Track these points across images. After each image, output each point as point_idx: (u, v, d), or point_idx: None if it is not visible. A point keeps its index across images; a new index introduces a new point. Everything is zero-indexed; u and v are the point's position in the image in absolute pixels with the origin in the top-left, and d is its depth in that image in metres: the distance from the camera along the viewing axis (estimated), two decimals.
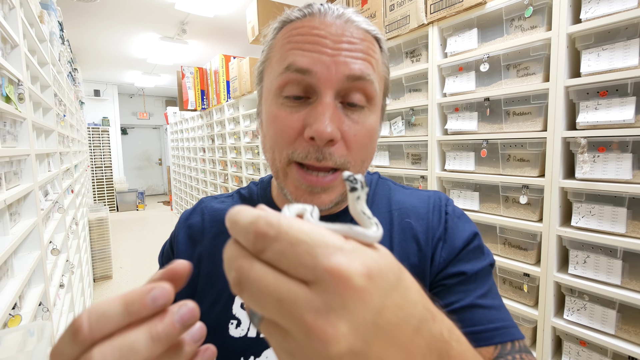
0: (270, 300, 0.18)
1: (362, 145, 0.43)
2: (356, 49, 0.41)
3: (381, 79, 0.45)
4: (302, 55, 0.40)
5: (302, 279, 0.18)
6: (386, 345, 0.19)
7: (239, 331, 0.46)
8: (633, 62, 0.97)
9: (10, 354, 0.70)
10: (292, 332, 0.18)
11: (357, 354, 0.18)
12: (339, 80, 0.40)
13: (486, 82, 1.35)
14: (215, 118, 4.11)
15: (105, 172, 7.14)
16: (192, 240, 0.52)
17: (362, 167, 0.45)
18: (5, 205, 0.99)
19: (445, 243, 0.47)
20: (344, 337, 0.17)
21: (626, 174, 1.00)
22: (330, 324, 0.17)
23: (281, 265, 0.18)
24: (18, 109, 1.07)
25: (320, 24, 0.41)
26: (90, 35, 4.41)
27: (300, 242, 0.18)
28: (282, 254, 0.18)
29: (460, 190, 1.47)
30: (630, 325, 1.03)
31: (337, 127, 0.40)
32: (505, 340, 0.41)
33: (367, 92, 0.42)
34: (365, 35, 0.42)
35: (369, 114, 0.43)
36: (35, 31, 1.56)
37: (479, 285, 0.45)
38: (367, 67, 0.41)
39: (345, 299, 0.17)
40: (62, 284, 1.51)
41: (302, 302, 0.17)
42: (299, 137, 0.41)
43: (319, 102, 0.40)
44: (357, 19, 0.43)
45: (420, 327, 0.20)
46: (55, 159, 1.83)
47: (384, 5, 1.65)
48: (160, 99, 9.31)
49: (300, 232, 0.18)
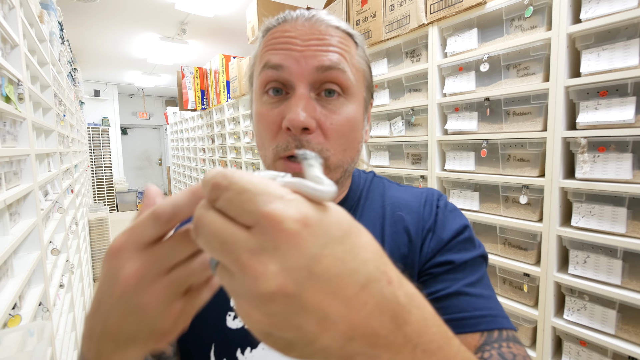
0: (216, 243, 0.19)
1: (341, 134, 0.44)
2: (325, 43, 0.43)
3: (357, 71, 0.47)
4: (275, 54, 0.44)
5: (244, 224, 0.20)
6: (324, 293, 0.19)
7: (236, 322, 0.47)
8: (633, 62, 0.97)
9: (10, 354, 0.70)
10: (233, 272, 0.19)
11: (289, 296, 0.18)
12: (309, 72, 0.42)
13: (486, 82, 1.35)
14: (215, 118, 4.11)
15: (105, 172, 7.14)
16: None
17: (343, 156, 0.46)
18: (5, 205, 0.99)
19: (434, 234, 0.48)
20: (272, 276, 0.18)
21: (626, 174, 1.00)
22: (261, 262, 0.18)
23: (229, 212, 0.20)
24: (18, 109, 1.07)
25: (291, 27, 0.45)
26: (90, 35, 4.41)
27: (246, 190, 0.19)
28: (229, 202, 0.20)
29: (460, 190, 1.47)
30: (630, 325, 1.03)
31: (312, 116, 0.42)
32: (491, 327, 0.41)
33: (339, 81, 0.43)
34: (335, 31, 0.45)
35: (346, 103, 0.45)
36: (35, 31, 1.55)
37: (467, 275, 0.45)
38: (338, 58, 0.43)
39: (278, 241, 0.19)
40: (62, 284, 1.51)
41: (241, 243, 0.19)
42: (280, 131, 0.43)
43: (293, 95, 0.43)
44: (327, 17, 0.46)
45: (369, 285, 0.20)
46: (55, 159, 1.83)
47: (384, 5, 1.65)
48: (160, 99, 9.31)
49: (248, 183, 0.20)
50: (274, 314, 0.19)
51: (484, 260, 0.48)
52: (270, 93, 0.45)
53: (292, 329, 0.19)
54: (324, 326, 0.19)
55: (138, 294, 0.24)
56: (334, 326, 0.19)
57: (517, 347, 0.39)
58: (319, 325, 0.19)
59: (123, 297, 0.24)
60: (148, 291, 0.24)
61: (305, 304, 0.19)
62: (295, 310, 0.19)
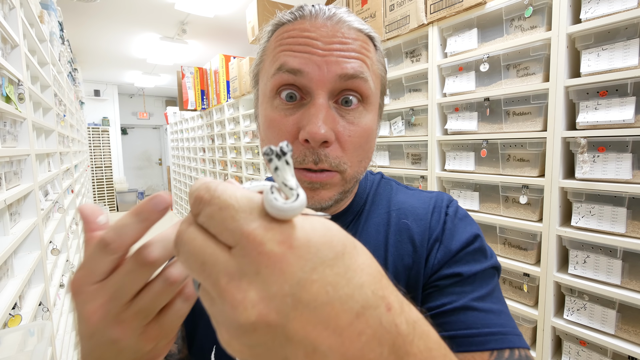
0: (196, 263, 0.18)
1: (358, 146, 0.42)
2: (349, 48, 0.40)
3: (377, 77, 0.45)
4: (293, 56, 0.40)
5: (225, 244, 0.18)
6: (312, 324, 0.17)
7: None
8: (633, 62, 0.97)
9: (10, 354, 0.70)
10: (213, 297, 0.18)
11: (272, 327, 0.17)
12: (331, 79, 0.39)
13: (486, 82, 1.35)
14: (215, 118, 4.11)
15: (105, 172, 7.14)
16: None
17: (359, 167, 0.44)
18: (6, 205, 0.99)
19: (442, 244, 0.45)
20: (252, 305, 0.17)
21: (626, 174, 1.00)
22: (240, 289, 0.17)
23: (210, 229, 0.18)
24: (18, 109, 1.07)
25: (311, 26, 0.41)
26: (90, 35, 4.41)
27: (228, 206, 0.18)
28: (211, 218, 0.18)
29: (460, 190, 1.47)
30: (630, 325, 1.03)
31: (331, 128, 0.40)
32: (502, 347, 0.37)
33: (361, 90, 0.41)
34: (357, 34, 0.42)
35: (365, 114, 0.43)
36: (35, 31, 1.56)
37: (476, 288, 0.41)
38: (361, 65, 0.41)
39: (259, 265, 0.17)
40: (62, 284, 1.51)
41: (220, 266, 0.17)
42: (295, 141, 0.41)
43: (312, 103, 0.40)
44: (349, 18, 0.42)
45: (364, 312, 0.18)
46: (55, 159, 1.83)
47: (384, 5, 1.65)
48: (160, 99, 9.31)
49: (231, 198, 0.18)
50: (255, 345, 0.17)
51: (496, 272, 0.45)
52: (283, 97, 0.41)
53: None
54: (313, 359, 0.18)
55: (107, 330, 0.23)
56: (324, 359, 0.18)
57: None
58: (307, 358, 0.18)
59: (95, 335, 0.23)
60: (116, 326, 0.23)
61: (292, 335, 0.17)
62: (280, 342, 0.17)
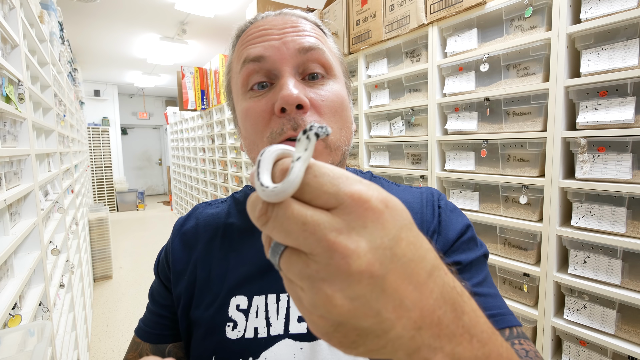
0: (294, 225, 0.19)
1: (334, 110, 0.44)
2: (300, 29, 0.45)
3: (334, 56, 0.48)
4: (253, 46, 0.44)
5: (324, 207, 0.19)
6: (402, 278, 0.19)
7: (235, 333, 0.46)
8: (633, 62, 0.97)
9: (10, 354, 0.70)
10: (315, 254, 0.18)
11: (374, 277, 0.18)
12: (292, 55, 0.43)
13: (486, 82, 1.35)
14: (215, 118, 4.11)
15: (105, 172, 7.14)
16: (187, 246, 0.53)
17: (340, 135, 0.46)
18: (5, 205, 0.99)
19: (440, 235, 0.48)
20: (364, 253, 0.18)
21: (626, 174, 1.00)
22: (352, 240, 0.18)
23: (305, 196, 0.19)
24: (18, 109, 1.07)
25: (264, 22, 0.46)
26: (90, 35, 4.41)
27: (323, 174, 0.20)
28: (306, 184, 0.19)
29: (460, 190, 1.47)
30: (630, 325, 1.03)
31: (304, 95, 0.42)
32: (502, 326, 0.41)
33: (322, 61, 0.44)
34: (304, 21, 0.47)
35: (332, 83, 0.46)
36: (35, 31, 1.56)
37: (474, 274, 0.45)
38: (315, 39, 0.45)
39: (365, 219, 0.18)
40: (62, 284, 1.51)
41: (325, 224, 0.18)
42: (272, 117, 0.43)
43: (280, 80, 0.43)
44: (294, 12, 0.48)
45: (434, 272, 0.20)
46: (55, 159, 1.83)
47: (383, 5, 1.65)
48: (160, 99, 9.31)
49: (323, 167, 0.20)
50: (357, 296, 0.18)
51: (486, 259, 0.49)
52: (255, 88, 0.44)
53: (370, 315, 0.19)
54: (399, 313, 0.19)
55: None
56: (407, 313, 0.19)
57: (528, 343, 0.40)
58: (395, 312, 0.19)
59: None
60: None
61: (386, 287, 0.18)
62: (376, 294, 0.18)
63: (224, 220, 0.54)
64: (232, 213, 0.55)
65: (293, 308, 0.46)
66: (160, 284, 0.56)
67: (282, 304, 0.46)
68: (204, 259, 0.51)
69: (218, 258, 0.51)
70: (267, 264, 0.48)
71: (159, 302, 0.55)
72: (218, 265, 0.50)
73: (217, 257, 0.51)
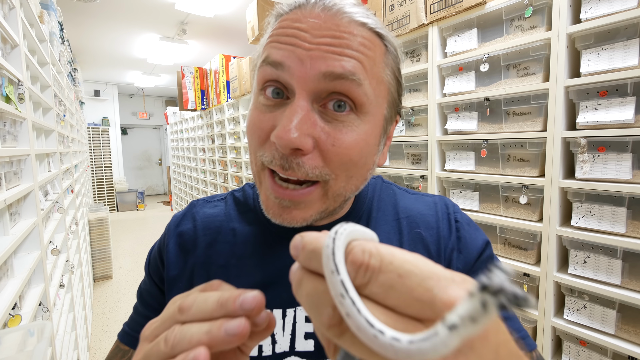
0: None
1: (346, 159, 0.36)
2: (342, 43, 0.34)
3: (380, 84, 0.37)
4: (277, 48, 0.35)
5: (414, 316, 0.16)
6: None
7: None
8: (633, 62, 0.97)
9: (10, 354, 0.70)
10: None
11: None
12: (313, 77, 0.34)
13: (486, 82, 1.35)
14: (215, 118, 4.11)
15: (105, 172, 7.14)
16: (183, 250, 0.48)
17: (347, 184, 0.38)
18: (5, 205, 0.99)
19: (460, 254, 0.46)
20: None
21: (626, 174, 1.00)
22: None
23: (389, 301, 0.16)
24: (18, 109, 1.07)
25: (303, 16, 0.36)
26: (90, 35, 4.41)
27: (409, 273, 0.16)
28: (390, 288, 0.16)
29: (460, 190, 1.47)
30: (630, 325, 1.03)
31: (310, 134, 0.34)
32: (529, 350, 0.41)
33: (352, 95, 0.35)
34: (360, 29, 0.36)
35: (358, 123, 0.36)
36: (35, 31, 1.56)
37: None
38: (354, 65, 0.34)
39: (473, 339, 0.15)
40: (62, 284, 1.51)
41: None
42: (268, 140, 0.36)
43: (291, 103, 0.35)
44: (353, 10, 0.36)
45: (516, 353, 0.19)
46: (55, 159, 1.83)
47: (383, 5, 1.65)
48: (160, 99, 9.31)
49: (406, 262, 0.16)
50: None
51: None
52: (268, 93, 0.37)
53: None
54: None
55: None
56: None
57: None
58: None
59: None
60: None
61: None
62: None
63: (224, 224, 0.49)
64: (233, 216, 0.50)
65: (299, 324, 0.43)
66: (152, 284, 0.51)
67: (289, 319, 0.43)
68: (202, 266, 0.47)
69: (217, 266, 0.46)
70: (271, 275, 0.44)
71: (149, 304, 0.51)
72: (217, 275, 0.46)
73: (217, 265, 0.46)
